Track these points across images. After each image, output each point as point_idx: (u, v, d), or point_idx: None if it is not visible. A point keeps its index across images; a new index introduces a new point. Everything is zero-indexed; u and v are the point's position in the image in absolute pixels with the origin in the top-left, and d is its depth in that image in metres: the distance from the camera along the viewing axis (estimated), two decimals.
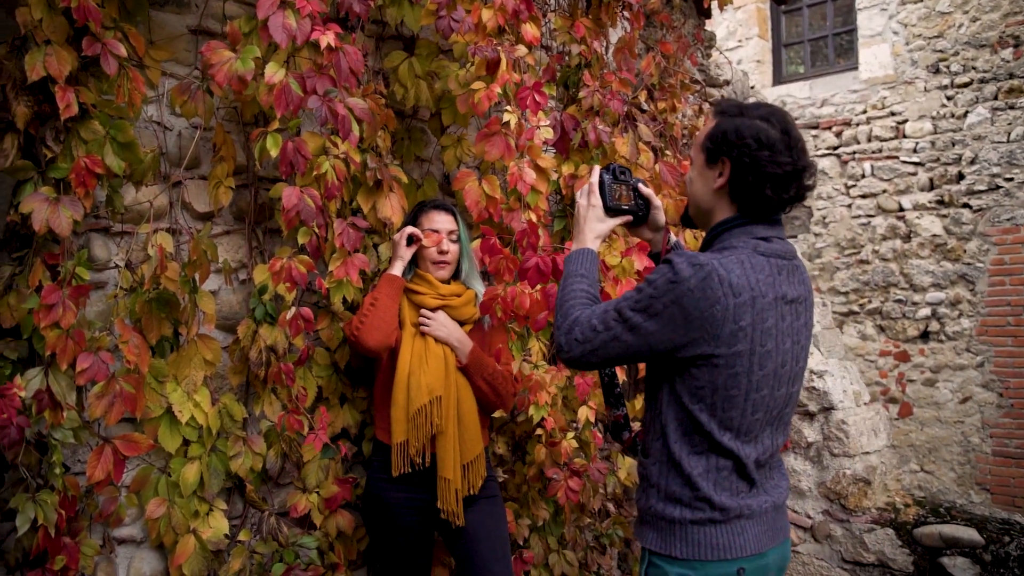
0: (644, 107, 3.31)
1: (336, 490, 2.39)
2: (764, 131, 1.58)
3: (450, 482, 2.27)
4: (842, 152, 7.02)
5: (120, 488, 2.05)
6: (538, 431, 2.70)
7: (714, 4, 3.99)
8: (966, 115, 6.35)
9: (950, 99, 6.45)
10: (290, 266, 2.15)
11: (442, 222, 2.43)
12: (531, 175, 2.45)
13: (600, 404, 2.80)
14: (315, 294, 2.43)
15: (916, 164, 6.59)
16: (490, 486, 2.44)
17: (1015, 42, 6.14)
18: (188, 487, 2.11)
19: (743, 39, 7.63)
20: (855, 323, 6.92)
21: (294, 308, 2.20)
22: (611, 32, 3.27)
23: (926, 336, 6.53)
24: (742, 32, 7.63)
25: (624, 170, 1.85)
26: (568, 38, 2.93)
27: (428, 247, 2.40)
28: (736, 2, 7.47)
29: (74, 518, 1.93)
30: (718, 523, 1.58)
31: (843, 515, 3.90)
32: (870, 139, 6.86)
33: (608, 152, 2.93)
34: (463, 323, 2.43)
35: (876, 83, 6.85)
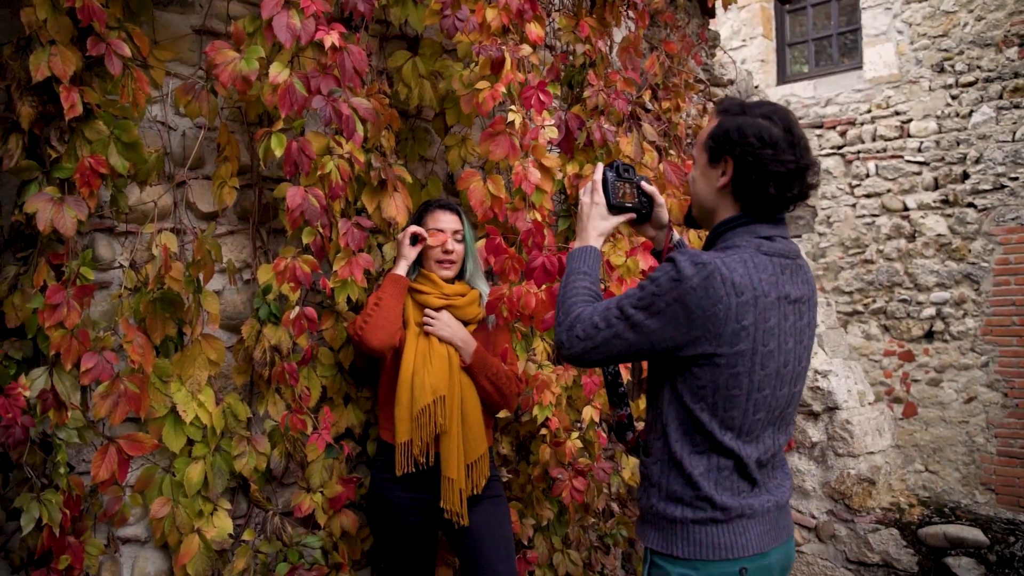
0: (648, 107, 3.31)
1: (340, 490, 2.39)
2: (767, 129, 1.57)
3: (454, 482, 2.27)
4: (846, 151, 7.00)
5: (124, 488, 2.06)
6: (542, 431, 2.70)
7: (718, 3, 3.99)
8: (971, 114, 6.34)
9: (955, 98, 6.44)
10: (294, 266, 2.15)
11: (447, 222, 2.43)
12: (535, 175, 2.45)
13: (604, 404, 2.79)
14: (319, 294, 2.43)
15: (921, 163, 6.58)
16: (494, 486, 2.43)
17: (1020, 41, 6.12)
18: (192, 487, 2.11)
19: (747, 38, 7.62)
20: (859, 323, 6.90)
21: (298, 308, 2.20)
22: (615, 31, 3.27)
23: (931, 336, 6.52)
24: (746, 31, 7.63)
25: (628, 167, 1.85)
26: (572, 37, 2.93)
27: (433, 247, 2.40)
28: (740, 1, 7.46)
29: (78, 518, 1.93)
30: (720, 523, 1.57)
31: (847, 515, 3.90)
32: (874, 138, 6.85)
33: (612, 151, 2.93)
34: (467, 323, 2.43)
35: (880, 82, 6.84)
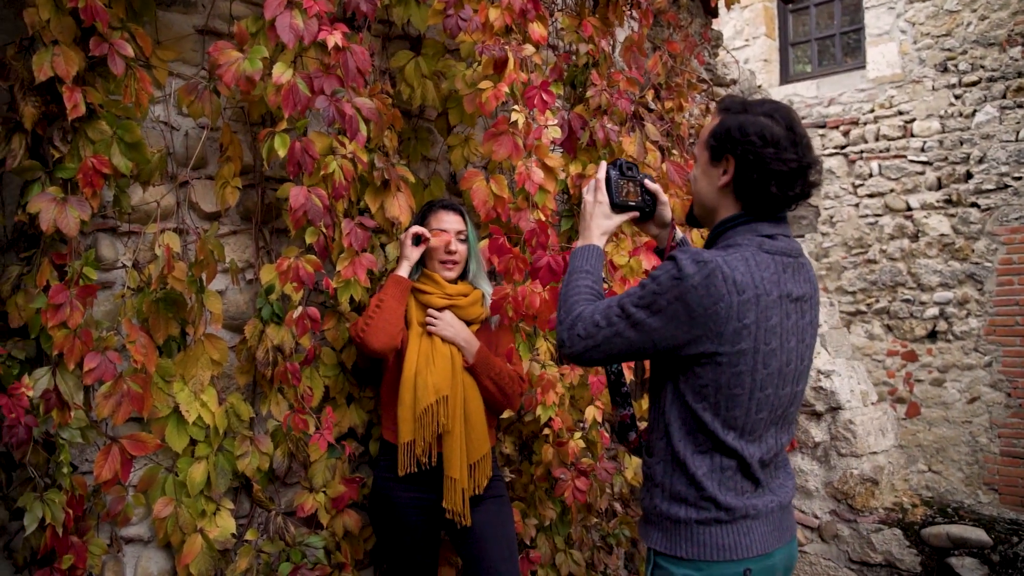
0: (651, 106, 3.31)
1: (343, 490, 2.39)
2: (768, 127, 1.56)
3: (456, 482, 2.27)
4: (849, 151, 6.99)
5: (127, 487, 2.06)
6: (545, 431, 2.70)
7: (721, 3, 3.98)
8: (974, 114, 6.32)
9: (958, 98, 6.42)
10: (297, 266, 2.15)
11: (450, 222, 2.43)
12: (539, 174, 2.44)
13: (607, 403, 2.79)
14: (322, 294, 2.43)
15: (924, 163, 6.56)
16: (497, 486, 2.43)
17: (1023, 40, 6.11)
18: (195, 486, 2.11)
19: (750, 38, 7.61)
20: (862, 323, 6.89)
21: (301, 308, 2.20)
22: (618, 31, 3.27)
23: (934, 336, 6.51)
24: (749, 31, 7.62)
25: (631, 166, 1.84)
26: (575, 37, 2.93)
27: (436, 246, 2.39)
28: (743, 1, 7.45)
29: (82, 517, 1.94)
30: (724, 523, 1.57)
31: (850, 515, 3.89)
32: (878, 138, 6.83)
33: (615, 151, 2.92)
34: (470, 323, 2.43)
35: (884, 82, 6.83)
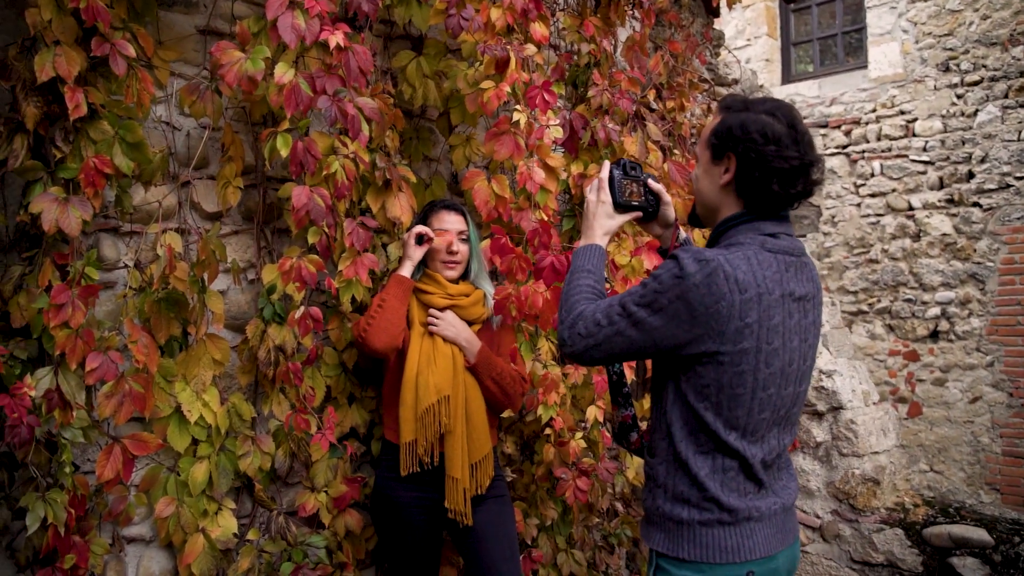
0: (653, 106, 3.31)
1: (345, 489, 2.39)
2: (770, 125, 1.56)
3: (458, 481, 2.27)
4: (851, 151, 6.98)
5: (129, 487, 2.06)
6: (547, 431, 2.70)
7: (723, 3, 3.98)
8: (976, 113, 6.31)
9: (960, 97, 6.42)
10: (299, 266, 2.15)
11: (452, 222, 2.43)
12: (540, 174, 2.44)
13: (609, 403, 2.79)
14: (324, 294, 2.43)
15: (926, 163, 6.56)
16: (498, 485, 2.43)
17: None
18: (197, 486, 2.12)
19: (752, 38, 7.61)
20: (864, 322, 6.89)
21: (303, 308, 2.20)
22: (620, 31, 3.27)
23: (936, 335, 6.50)
24: (751, 31, 7.61)
25: (635, 165, 1.84)
26: (577, 37, 2.93)
27: (438, 246, 2.39)
28: (745, 1, 7.45)
29: (84, 517, 1.94)
30: (727, 524, 1.56)
31: (852, 515, 3.89)
32: (879, 138, 6.83)
33: (617, 151, 2.92)
34: (472, 323, 2.42)
35: (885, 81, 6.82)
